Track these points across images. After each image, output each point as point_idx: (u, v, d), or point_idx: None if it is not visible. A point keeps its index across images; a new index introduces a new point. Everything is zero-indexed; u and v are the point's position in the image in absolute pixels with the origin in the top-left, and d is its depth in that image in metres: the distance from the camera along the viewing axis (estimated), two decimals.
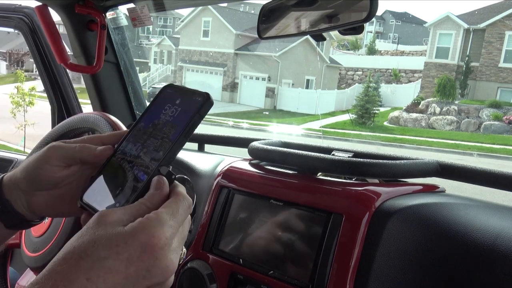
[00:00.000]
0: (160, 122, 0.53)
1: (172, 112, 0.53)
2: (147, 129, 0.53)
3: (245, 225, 0.96)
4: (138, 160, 0.52)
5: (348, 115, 18.01)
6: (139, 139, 0.53)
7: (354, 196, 0.85)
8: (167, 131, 0.52)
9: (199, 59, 24.34)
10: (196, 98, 0.52)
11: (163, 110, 0.53)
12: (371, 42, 33.40)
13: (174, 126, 0.52)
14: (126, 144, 0.54)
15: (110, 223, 0.43)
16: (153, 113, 0.54)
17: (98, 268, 0.40)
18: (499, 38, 18.66)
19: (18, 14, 1.63)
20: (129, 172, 0.51)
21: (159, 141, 0.51)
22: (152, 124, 0.53)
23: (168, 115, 0.53)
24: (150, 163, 0.51)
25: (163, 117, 0.53)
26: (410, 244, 0.78)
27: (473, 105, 16.83)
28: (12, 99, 8.62)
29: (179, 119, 0.52)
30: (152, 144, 0.52)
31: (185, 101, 0.53)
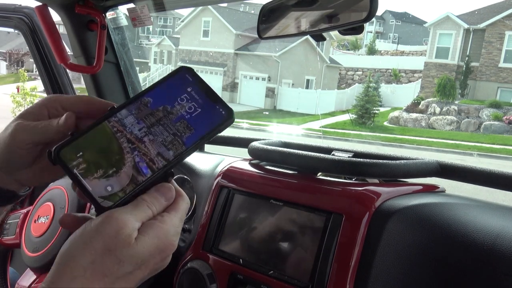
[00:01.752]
0: (174, 112, 0.50)
1: (190, 109, 0.50)
2: (155, 110, 0.50)
3: (245, 225, 0.96)
4: (141, 145, 0.48)
5: (348, 115, 18.02)
6: (145, 119, 0.49)
7: (354, 196, 0.85)
8: (181, 130, 0.49)
9: (199, 59, 24.36)
10: (220, 109, 0.51)
11: (178, 99, 0.50)
12: (371, 42, 33.41)
13: (190, 129, 0.49)
14: (127, 114, 0.49)
15: (129, 235, 0.43)
16: (165, 94, 0.50)
17: (123, 281, 0.43)
18: (499, 38, 18.68)
19: (18, 14, 1.63)
20: (127, 154, 0.47)
21: (170, 137, 0.49)
22: (163, 108, 0.50)
23: (185, 109, 0.50)
24: (156, 158, 0.48)
25: (177, 108, 0.50)
26: (410, 244, 0.79)
27: (473, 105, 16.84)
28: (13, 98, 8.64)
29: (197, 123, 0.50)
30: (160, 135, 0.49)
31: (207, 105, 0.51)
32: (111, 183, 0.46)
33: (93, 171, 0.46)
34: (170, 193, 0.49)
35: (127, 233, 0.43)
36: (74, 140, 0.47)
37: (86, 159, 0.47)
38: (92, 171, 0.46)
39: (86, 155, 0.47)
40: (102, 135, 0.48)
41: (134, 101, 0.50)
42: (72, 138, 0.48)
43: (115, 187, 0.46)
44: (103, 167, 0.47)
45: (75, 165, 0.46)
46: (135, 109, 0.49)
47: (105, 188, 0.46)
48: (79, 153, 0.47)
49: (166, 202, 0.48)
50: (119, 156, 0.47)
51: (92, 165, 0.47)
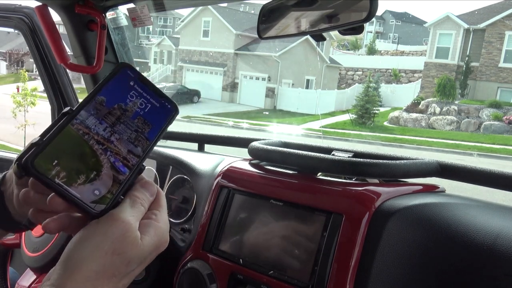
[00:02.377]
0: (129, 109, 0.51)
1: (141, 105, 0.52)
2: (112, 110, 0.50)
3: (245, 225, 0.96)
4: (111, 146, 0.49)
5: (348, 115, 18.01)
6: (105, 118, 0.49)
7: (354, 196, 0.85)
8: (140, 126, 0.51)
9: (199, 59, 24.35)
10: (166, 103, 0.54)
11: (129, 96, 0.52)
12: (371, 42, 33.40)
13: (148, 124, 0.52)
14: (87, 115, 0.48)
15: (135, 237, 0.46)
16: (115, 91, 0.51)
17: (125, 278, 0.46)
18: (499, 38, 18.67)
19: (18, 14, 1.63)
20: (102, 156, 0.48)
21: (134, 134, 0.51)
22: (118, 106, 0.51)
23: (137, 106, 0.52)
24: (128, 155, 0.50)
25: (131, 105, 0.51)
26: (410, 244, 0.78)
27: (473, 105, 16.84)
28: (13, 98, 8.63)
29: (152, 118, 0.52)
30: (125, 133, 0.50)
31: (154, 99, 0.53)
32: (97, 186, 0.46)
33: (75, 177, 0.45)
34: (153, 188, 0.51)
35: (134, 235, 0.45)
36: (44, 148, 0.44)
37: (63, 166, 0.45)
38: (74, 178, 0.45)
39: (62, 162, 0.45)
40: (71, 140, 0.46)
41: (89, 101, 0.49)
42: (40, 146, 0.44)
43: (101, 189, 0.46)
44: (83, 172, 0.46)
45: (54, 174, 0.44)
46: (93, 109, 0.49)
47: (93, 192, 0.46)
48: (54, 161, 0.44)
49: (152, 197, 0.51)
50: (94, 159, 0.47)
51: (72, 172, 0.45)
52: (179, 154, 1.25)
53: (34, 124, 7.89)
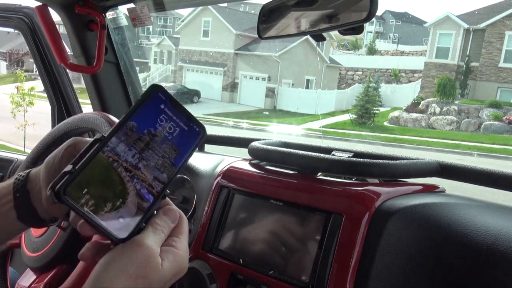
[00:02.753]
0: (158, 135, 0.51)
1: (170, 129, 0.52)
2: (142, 135, 0.50)
3: (245, 225, 0.96)
4: (138, 173, 0.49)
5: (348, 115, 18.01)
6: (135, 144, 0.50)
7: (354, 196, 0.85)
8: (168, 151, 0.51)
9: (199, 59, 24.35)
10: (194, 126, 0.54)
11: (159, 120, 0.52)
12: (371, 42, 33.39)
13: (175, 149, 0.52)
14: (117, 142, 0.49)
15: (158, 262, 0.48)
16: (146, 116, 0.51)
17: None
18: (499, 38, 18.66)
19: (18, 14, 1.63)
20: (129, 183, 0.48)
21: (161, 160, 0.51)
22: (148, 131, 0.51)
23: (166, 130, 0.52)
24: (153, 182, 0.50)
25: (160, 130, 0.51)
26: (410, 244, 0.78)
27: (473, 105, 16.84)
28: (12, 99, 8.63)
29: (180, 143, 0.52)
30: (152, 159, 0.50)
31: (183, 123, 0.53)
32: (122, 214, 0.48)
33: (102, 205, 0.47)
34: (175, 215, 0.53)
35: (157, 261, 0.48)
36: (76, 177, 0.46)
37: (92, 194, 0.46)
38: (101, 206, 0.47)
39: (91, 190, 0.46)
40: (101, 168, 0.47)
41: (120, 128, 0.50)
42: (73, 175, 0.46)
43: (126, 217, 0.48)
44: (110, 200, 0.47)
45: (83, 203, 0.46)
46: (123, 136, 0.49)
47: (118, 219, 0.47)
48: (84, 189, 0.46)
49: (173, 224, 0.52)
50: (121, 186, 0.48)
51: (100, 200, 0.47)
52: None
53: (33, 124, 7.88)
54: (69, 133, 1.12)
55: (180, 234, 0.53)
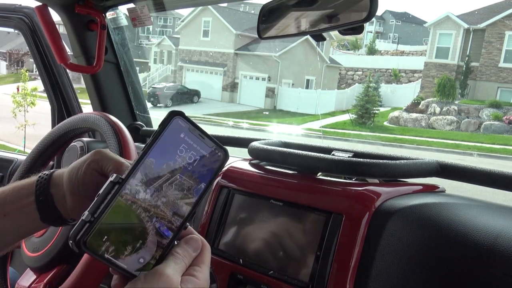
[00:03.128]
0: (177, 167, 0.49)
1: (190, 159, 0.49)
2: (160, 171, 0.48)
3: (245, 225, 0.96)
4: (157, 211, 0.48)
5: (348, 115, 18.00)
6: (153, 182, 0.48)
7: (354, 196, 0.85)
8: (187, 183, 0.49)
9: (199, 59, 24.34)
10: (216, 150, 0.51)
11: (178, 152, 0.49)
12: (371, 42, 33.38)
13: (196, 180, 0.49)
14: (136, 183, 0.47)
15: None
16: (165, 149, 0.49)
17: None
18: (499, 38, 18.66)
19: (18, 14, 1.63)
20: (148, 223, 0.47)
21: (181, 194, 0.49)
22: (166, 166, 0.48)
23: (186, 160, 0.49)
24: (173, 218, 0.49)
25: (180, 162, 0.49)
26: (410, 244, 0.78)
27: (473, 105, 16.83)
28: (13, 98, 8.63)
29: (200, 172, 0.50)
30: (171, 195, 0.48)
31: (204, 150, 0.50)
32: (142, 255, 0.47)
33: (123, 249, 0.46)
34: (197, 244, 0.52)
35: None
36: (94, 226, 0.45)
37: (112, 241, 0.46)
38: (122, 251, 0.46)
39: (111, 237, 0.46)
40: (120, 213, 0.47)
41: (138, 167, 0.48)
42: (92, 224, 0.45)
43: (146, 257, 0.48)
44: (130, 243, 0.47)
45: (104, 250, 0.46)
46: (141, 175, 0.48)
47: (138, 261, 0.47)
48: (104, 237, 0.46)
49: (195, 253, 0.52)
50: (141, 228, 0.47)
51: (120, 245, 0.46)
52: None
53: (34, 124, 7.89)
54: (69, 133, 1.12)
55: (201, 263, 0.52)
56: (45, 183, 0.60)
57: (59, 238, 0.99)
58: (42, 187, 0.60)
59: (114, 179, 0.47)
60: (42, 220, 0.60)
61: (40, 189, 0.60)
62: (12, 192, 0.61)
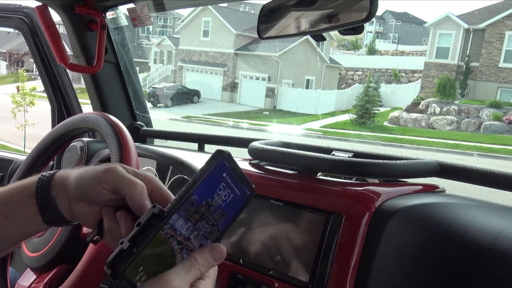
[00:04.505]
0: (213, 204, 0.50)
1: (225, 196, 0.51)
2: (199, 207, 0.50)
3: (245, 225, 0.96)
4: (188, 243, 0.49)
5: (348, 115, 18.00)
6: (191, 217, 0.49)
7: (354, 196, 0.85)
8: (217, 218, 0.51)
9: (199, 59, 24.34)
10: (245, 188, 0.53)
11: (217, 190, 0.51)
12: (371, 42, 33.38)
13: (224, 215, 0.51)
14: (177, 218, 0.48)
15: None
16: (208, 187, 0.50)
17: None
18: (499, 38, 18.66)
19: (18, 14, 1.63)
20: (178, 254, 0.49)
21: (209, 228, 0.50)
22: (205, 203, 0.50)
23: (221, 198, 0.51)
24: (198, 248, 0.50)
25: (216, 199, 0.51)
26: (410, 244, 0.78)
27: (473, 105, 16.83)
28: (13, 98, 8.64)
29: (230, 208, 0.52)
30: (203, 229, 0.50)
31: (238, 188, 0.52)
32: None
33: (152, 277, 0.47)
34: (221, 255, 0.51)
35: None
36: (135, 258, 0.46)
37: (146, 271, 0.47)
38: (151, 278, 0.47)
39: (146, 267, 0.47)
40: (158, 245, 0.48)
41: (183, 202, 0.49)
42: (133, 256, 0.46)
43: None
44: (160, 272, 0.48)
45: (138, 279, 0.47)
46: (183, 211, 0.49)
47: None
48: (140, 268, 0.46)
49: (215, 263, 0.51)
50: (172, 259, 0.48)
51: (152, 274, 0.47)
52: (179, 154, 1.25)
53: (34, 124, 7.89)
54: (69, 133, 1.12)
55: (207, 277, 0.51)
56: (46, 185, 0.59)
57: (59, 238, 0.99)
58: (43, 189, 0.59)
59: (156, 210, 0.48)
60: (45, 222, 0.60)
61: (42, 191, 0.59)
62: (13, 193, 0.60)
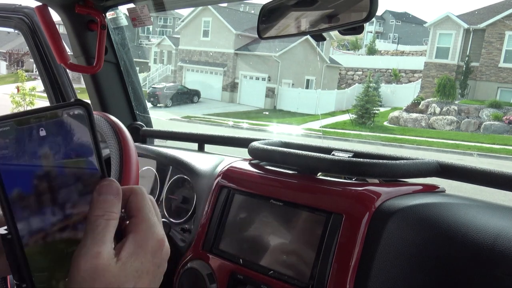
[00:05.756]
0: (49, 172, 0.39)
1: (53, 149, 0.39)
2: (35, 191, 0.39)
3: (245, 225, 0.96)
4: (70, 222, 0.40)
5: (348, 115, 18.01)
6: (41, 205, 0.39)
7: (354, 196, 0.85)
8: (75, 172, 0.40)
9: (199, 59, 24.35)
10: (70, 112, 0.40)
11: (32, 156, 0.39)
12: (371, 42, 33.39)
13: (76, 160, 0.40)
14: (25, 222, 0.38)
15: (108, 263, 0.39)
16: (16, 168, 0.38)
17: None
18: (499, 38, 18.66)
19: (18, 14, 1.63)
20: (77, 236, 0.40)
21: (76, 189, 0.40)
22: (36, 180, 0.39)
23: (51, 158, 0.39)
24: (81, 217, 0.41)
25: (45, 164, 0.39)
26: (410, 244, 0.79)
27: (473, 105, 16.84)
28: (12, 98, 8.65)
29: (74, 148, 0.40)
30: (71, 197, 0.40)
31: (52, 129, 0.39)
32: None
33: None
34: (111, 188, 0.41)
35: (105, 264, 0.39)
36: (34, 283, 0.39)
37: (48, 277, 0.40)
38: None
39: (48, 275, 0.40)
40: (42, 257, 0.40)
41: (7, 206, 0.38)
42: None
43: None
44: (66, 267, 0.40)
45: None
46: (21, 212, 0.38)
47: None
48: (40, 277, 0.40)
49: (115, 197, 0.41)
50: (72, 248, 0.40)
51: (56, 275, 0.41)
52: (179, 154, 1.25)
53: None
54: None
55: (135, 211, 0.42)
56: None
57: None
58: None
59: (3, 233, 0.39)
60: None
61: None
62: None
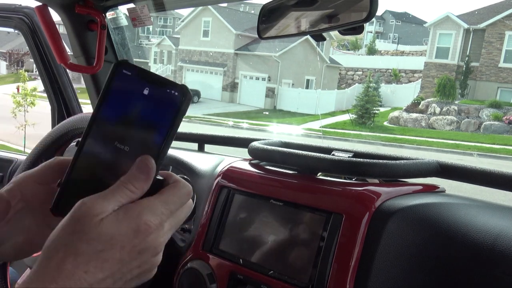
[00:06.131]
0: (132, 118, 0.46)
1: (144, 106, 0.46)
2: (116, 124, 0.46)
3: (245, 225, 0.96)
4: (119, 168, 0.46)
5: (348, 115, 18.03)
6: (111, 139, 0.46)
7: (354, 196, 0.85)
8: (147, 132, 0.46)
9: (199, 59, 24.36)
10: (172, 91, 0.47)
11: (130, 101, 0.46)
12: (371, 42, 33.41)
13: (154, 126, 0.46)
14: (93, 142, 0.46)
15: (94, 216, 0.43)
16: (116, 102, 0.46)
17: (96, 260, 0.42)
18: (499, 38, 18.68)
19: (18, 14, 1.63)
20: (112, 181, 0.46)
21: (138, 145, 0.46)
22: (122, 119, 0.46)
23: (139, 109, 0.46)
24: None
25: (134, 111, 0.46)
26: (410, 244, 0.79)
27: (473, 105, 16.86)
28: (13, 98, 8.65)
29: (158, 117, 0.46)
30: (131, 147, 0.46)
31: (157, 93, 0.46)
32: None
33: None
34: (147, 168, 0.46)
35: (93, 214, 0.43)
36: (64, 190, 0.46)
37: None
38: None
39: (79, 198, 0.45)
40: (83, 174, 0.46)
41: (92, 123, 0.46)
42: (59, 192, 0.46)
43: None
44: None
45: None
46: (97, 133, 0.46)
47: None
48: (74, 199, 0.45)
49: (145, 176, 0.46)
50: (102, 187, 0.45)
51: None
52: (179, 154, 1.25)
53: (34, 124, 7.89)
54: (69, 133, 1.12)
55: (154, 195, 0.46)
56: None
57: None
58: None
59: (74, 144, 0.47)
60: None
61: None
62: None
